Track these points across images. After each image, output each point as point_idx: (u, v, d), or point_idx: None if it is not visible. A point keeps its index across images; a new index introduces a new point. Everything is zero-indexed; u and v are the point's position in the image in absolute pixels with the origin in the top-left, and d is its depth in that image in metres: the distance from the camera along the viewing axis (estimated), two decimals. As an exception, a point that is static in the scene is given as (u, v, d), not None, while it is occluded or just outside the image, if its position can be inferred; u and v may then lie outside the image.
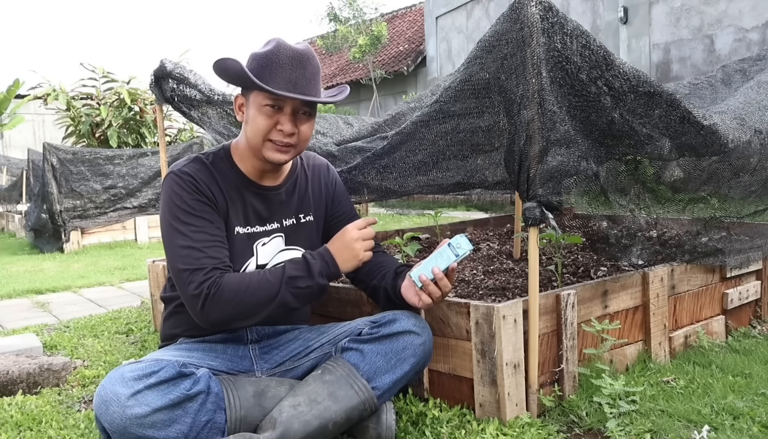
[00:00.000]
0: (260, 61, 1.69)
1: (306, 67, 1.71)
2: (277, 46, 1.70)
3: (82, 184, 7.04)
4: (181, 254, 1.67)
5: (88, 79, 9.30)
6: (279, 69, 1.67)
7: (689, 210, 2.51)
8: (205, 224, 1.71)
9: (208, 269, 1.64)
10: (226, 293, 1.63)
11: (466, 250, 1.70)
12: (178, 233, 1.69)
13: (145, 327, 3.25)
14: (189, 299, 1.65)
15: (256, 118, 1.72)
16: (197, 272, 1.64)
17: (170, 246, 1.70)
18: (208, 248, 1.68)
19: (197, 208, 1.71)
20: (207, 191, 1.74)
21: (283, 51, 1.69)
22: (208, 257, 1.66)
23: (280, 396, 1.68)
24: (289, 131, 1.71)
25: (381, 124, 2.78)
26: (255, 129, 1.72)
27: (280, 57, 1.68)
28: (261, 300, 1.66)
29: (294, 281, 1.68)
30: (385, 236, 3.41)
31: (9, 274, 5.51)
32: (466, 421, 1.82)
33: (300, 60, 1.70)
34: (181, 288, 1.67)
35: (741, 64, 3.23)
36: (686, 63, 8.31)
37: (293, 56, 1.69)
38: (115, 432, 1.50)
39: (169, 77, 2.91)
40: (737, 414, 1.82)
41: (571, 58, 1.78)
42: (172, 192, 1.72)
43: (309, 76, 1.71)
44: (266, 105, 1.70)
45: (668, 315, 2.33)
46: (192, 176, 1.73)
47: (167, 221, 1.71)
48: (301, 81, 1.69)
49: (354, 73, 16.31)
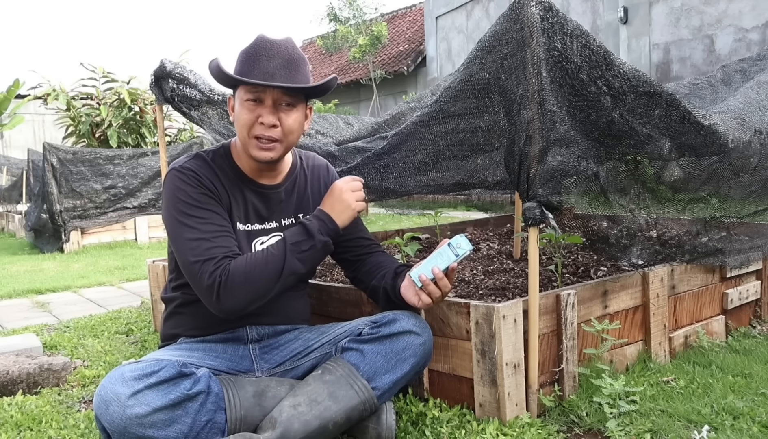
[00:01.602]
0: (240, 57, 1.73)
1: (283, 56, 1.71)
2: (256, 40, 1.73)
3: (82, 184, 7.04)
4: (190, 247, 1.66)
5: (88, 79, 9.31)
6: (256, 61, 1.69)
7: (689, 210, 2.51)
8: (211, 215, 1.71)
9: (219, 258, 1.65)
10: (237, 277, 1.63)
11: (466, 250, 1.70)
12: (185, 227, 1.68)
13: (145, 327, 3.25)
14: (203, 291, 1.65)
15: (239, 114, 1.74)
16: (208, 262, 1.64)
17: (178, 240, 1.69)
18: (216, 238, 1.68)
19: (202, 201, 1.71)
20: (210, 185, 1.75)
21: (260, 43, 1.72)
22: (218, 247, 1.67)
23: (280, 396, 1.68)
24: (270, 123, 1.71)
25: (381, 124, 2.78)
26: (239, 125, 1.74)
27: (257, 49, 1.71)
28: (271, 274, 1.65)
29: (297, 246, 1.69)
30: (385, 236, 3.41)
31: (9, 274, 5.51)
32: (466, 421, 1.82)
33: (277, 50, 1.71)
34: (194, 281, 1.67)
35: (741, 64, 3.23)
36: (686, 63, 8.31)
37: (269, 48, 1.71)
38: (115, 432, 1.50)
39: (169, 77, 2.91)
40: (737, 414, 1.82)
41: (571, 58, 1.78)
42: (175, 187, 1.72)
43: (287, 66, 1.71)
44: (248, 100, 1.71)
45: (668, 315, 2.33)
46: (194, 171, 1.74)
47: (173, 217, 1.71)
48: (278, 71, 1.70)
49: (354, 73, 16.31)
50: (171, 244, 1.76)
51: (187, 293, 1.79)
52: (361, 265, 1.96)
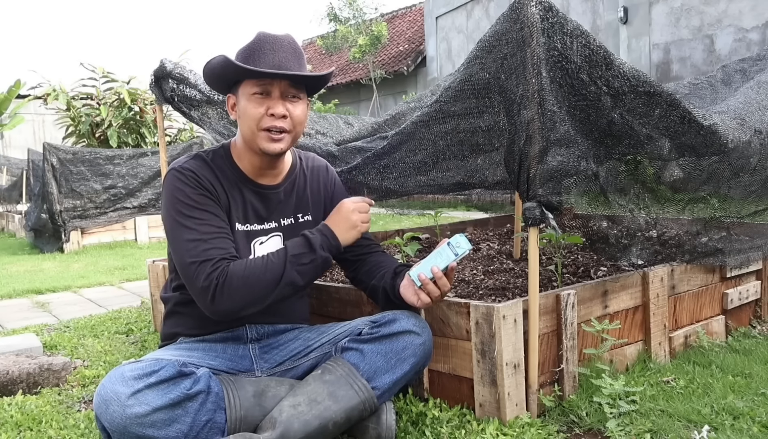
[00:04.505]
0: (243, 53, 1.74)
1: (287, 49, 1.74)
2: (258, 36, 1.75)
3: (82, 184, 7.04)
4: (187, 248, 1.67)
5: (88, 79, 9.30)
6: (261, 55, 1.71)
7: (689, 210, 2.51)
8: (210, 217, 1.72)
9: (216, 260, 1.65)
10: (235, 281, 1.63)
11: (465, 249, 1.70)
12: (183, 227, 1.69)
13: (145, 327, 3.25)
14: (198, 292, 1.65)
15: (246, 109, 1.74)
16: (205, 263, 1.64)
17: (176, 241, 1.70)
18: (214, 240, 1.69)
19: (201, 202, 1.72)
20: (209, 186, 1.75)
21: (263, 38, 1.74)
22: (215, 248, 1.67)
23: (280, 396, 1.68)
24: (281, 113, 1.72)
25: (381, 124, 2.78)
26: (247, 119, 1.74)
27: (261, 44, 1.72)
28: (268, 281, 1.66)
29: (297, 259, 1.70)
30: (385, 236, 3.41)
31: (9, 274, 5.51)
32: (466, 421, 1.82)
33: (281, 44, 1.73)
34: (190, 282, 1.67)
35: (741, 64, 3.22)
36: (686, 63, 8.31)
37: (273, 41, 1.73)
38: (115, 432, 1.51)
39: (169, 77, 2.91)
40: (737, 414, 1.82)
41: (571, 58, 1.78)
42: (175, 188, 1.73)
43: (291, 58, 1.74)
44: (255, 93, 1.72)
45: (668, 315, 2.33)
46: (194, 172, 1.74)
47: (171, 217, 1.72)
48: (284, 62, 1.72)
49: (354, 73, 16.30)
50: (169, 244, 1.77)
51: (186, 292, 1.79)
52: (361, 265, 1.96)
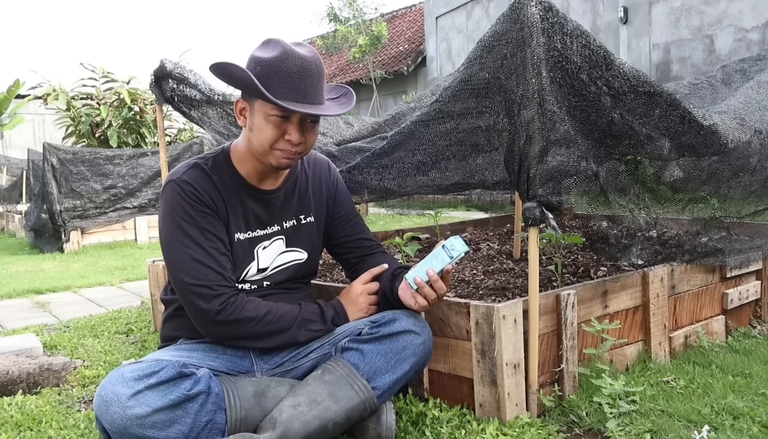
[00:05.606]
0: (266, 69, 1.65)
1: (313, 74, 1.68)
2: (284, 54, 1.65)
3: (82, 184, 7.04)
4: (185, 268, 1.69)
5: (88, 79, 9.31)
6: (287, 79, 1.64)
7: (689, 210, 2.51)
8: (209, 236, 1.73)
9: (216, 285, 1.69)
10: (244, 322, 1.70)
11: (460, 252, 1.70)
12: (181, 245, 1.70)
13: (145, 327, 3.25)
14: (198, 313, 1.69)
15: (263, 128, 1.70)
16: (204, 288, 1.68)
17: (173, 258, 1.72)
18: (212, 261, 1.70)
19: (200, 220, 1.72)
20: (208, 200, 1.74)
21: (290, 59, 1.65)
22: (214, 272, 1.70)
23: (280, 396, 1.68)
24: (297, 141, 1.71)
25: (381, 124, 2.78)
26: (262, 139, 1.71)
27: (288, 66, 1.65)
28: (273, 332, 1.74)
29: (307, 323, 1.78)
30: (385, 236, 3.41)
31: (9, 274, 5.51)
32: (466, 421, 1.82)
33: (308, 69, 1.67)
34: (187, 301, 1.70)
35: (741, 64, 3.22)
36: (686, 63, 8.31)
37: (301, 65, 1.66)
38: (116, 432, 1.51)
39: (169, 77, 2.91)
40: (737, 414, 1.82)
41: (571, 58, 1.78)
42: (174, 203, 1.73)
43: (316, 84, 1.70)
44: (274, 115, 1.68)
45: (668, 315, 2.33)
46: (192, 185, 1.73)
47: (170, 232, 1.72)
48: (309, 91, 1.67)
49: (354, 73, 16.31)
50: (164, 256, 1.76)
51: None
52: (362, 265, 1.96)
